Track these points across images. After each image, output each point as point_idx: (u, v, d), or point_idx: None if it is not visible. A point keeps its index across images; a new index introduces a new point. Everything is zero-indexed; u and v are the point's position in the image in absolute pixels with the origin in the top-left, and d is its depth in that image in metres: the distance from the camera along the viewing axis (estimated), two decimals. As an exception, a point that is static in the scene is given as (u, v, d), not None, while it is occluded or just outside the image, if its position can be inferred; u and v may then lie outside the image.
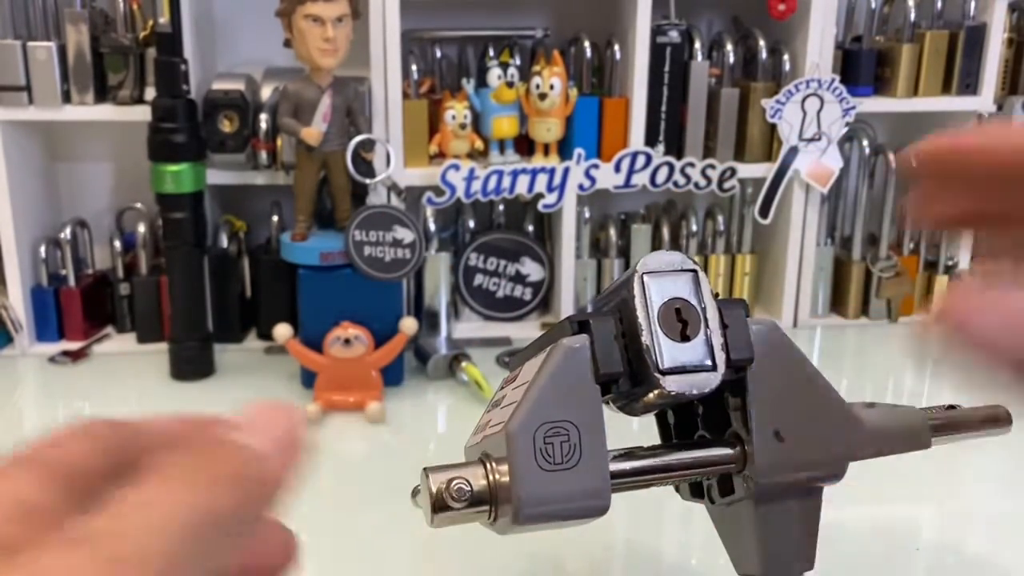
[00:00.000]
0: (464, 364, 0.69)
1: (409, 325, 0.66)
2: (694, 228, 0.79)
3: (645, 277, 0.26)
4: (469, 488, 0.26)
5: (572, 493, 0.25)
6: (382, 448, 0.60)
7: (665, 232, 0.79)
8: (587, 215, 0.78)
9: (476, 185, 0.74)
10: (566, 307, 0.79)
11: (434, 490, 0.26)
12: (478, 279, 0.80)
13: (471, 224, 0.80)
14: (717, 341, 0.26)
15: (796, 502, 0.27)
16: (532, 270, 0.80)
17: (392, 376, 0.68)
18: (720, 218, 0.79)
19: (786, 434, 0.27)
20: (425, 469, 0.27)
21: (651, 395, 0.26)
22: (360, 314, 0.65)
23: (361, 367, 0.64)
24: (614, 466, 0.27)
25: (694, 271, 0.27)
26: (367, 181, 0.68)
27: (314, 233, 0.68)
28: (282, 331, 0.63)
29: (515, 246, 0.80)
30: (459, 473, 0.27)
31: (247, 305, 0.77)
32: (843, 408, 0.28)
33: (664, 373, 0.25)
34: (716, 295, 0.28)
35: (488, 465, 0.26)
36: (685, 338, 0.26)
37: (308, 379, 0.66)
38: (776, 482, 0.27)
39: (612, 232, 0.79)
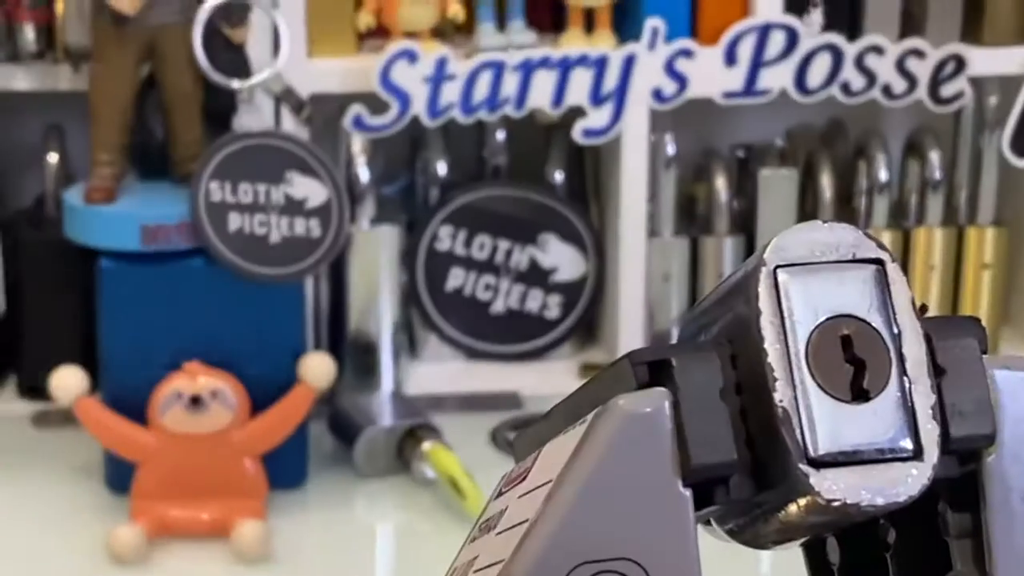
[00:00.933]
0: (428, 446, 0.69)
1: (318, 369, 0.66)
2: (882, 177, 0.80)
3: (782, 275, 0.26)
4: None
5: None
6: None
7: (825, 184, 0.80)
8: (671, 151, 0.79)
9: (450, 91, 0.74)
10: (629, 333, 0.79)
11: None
12: (455, 278, 0.80)
13: (440, 170, 0.81)
14: (924, 402, 0.26)
15: None
16: (562, 259, 0.80)
17: (286, 470, 0.68)
18: (934, 158, 0.80)
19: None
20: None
21: (793, 508, 0.26)
22: (222, 348, 0.66)
23: (224, 452, 0.65)
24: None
25: (879, 263, 0.26)
26: (235, 85, 0.68)
27: (128, 187, 0.68)
28: (67, 381, 0.64)
29: (529, 212, 0.80)
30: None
31: None
32: None
33: (819, 465, 0.25)
34: (923, 309, 0.28)
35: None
36: (861, 395, 0.26)
37: (120, 476, 0.66)
38: None
39: (720, 185, 0.80)
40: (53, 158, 0.76)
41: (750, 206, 0.80)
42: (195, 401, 0.64)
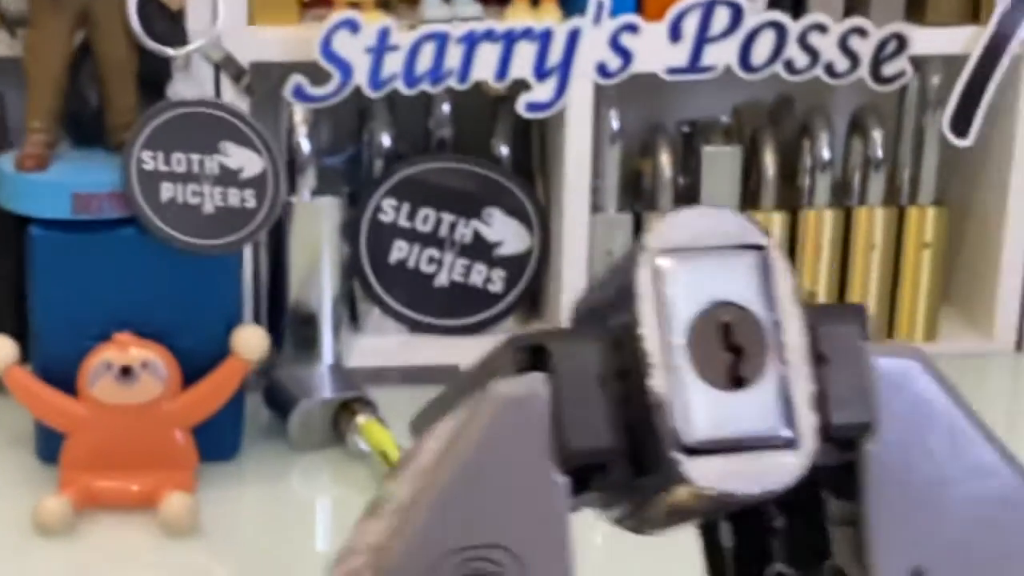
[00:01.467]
0: (362, 419, 0.69)
1: (250, 342, 0.65)
2: (825, 155, 0.80)
3: (663, 260, 0.26)
4: None
5: None
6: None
7: (768, 162, 0.80)
8: (615, 127, 0.79)
9: (393, 62, 0.73)
10: (571, 308, 0.79)
11: None
12: (399, 251, 0.80)
13: (385, 142, 0.80)
14: (802, 390, 0.26)
15: None
16: (506, 233, 0.80)
17: (220, 443, 0.67)
18: (877, 137, 0.80)
19: (937, 573, 0.27)
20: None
21: (671, 495, 0.26)
22: (154, 319, 0.65)
23: (154, 424, 0.64)
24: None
25: (761, 248, 0.26)
26: (170, 53, 0.67)
27: (61, 155, 0.67)
28: (-3, 351, 0.63)
29: (474, 186, 0.80)
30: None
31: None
32: None
33: (694, 452, 0.25)
34: (811, 296, 0.28)
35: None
36: (738, 382, 0.26)
37: (50, 446, 0.66)
38: None
39: (665, 161, 0.79)
40: (-9, 124, 0.75)
41: (694, 182, 0.80)
42: (125, 372, 0.63)
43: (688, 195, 0.80)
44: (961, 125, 0.78)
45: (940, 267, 0.82)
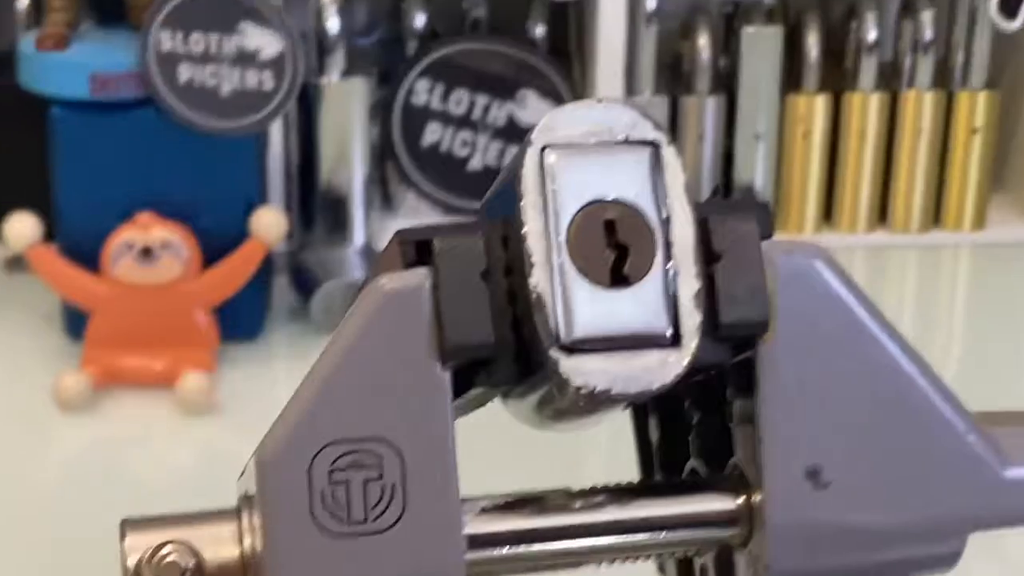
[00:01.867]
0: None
1: (268, 224, 0.66)
2: (871, 36, 0.78)
3: (549, 155, 0.25)
4: (192, 564, 0.26)
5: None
6: (206, 470, 0.60)
7: (812, 43, 0.78)
8: (651, 7, 0.77)
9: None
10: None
11: (130, 568, 0.26)
12: (432, 134, 0.80)
13: (419, 22, 0.79)
14: (688, 288, 0.25)
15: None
16: (540, 116, 0.78)
17: (242, 323, 0.68)
18: (927, 19, 0.78)
19: (832, 474, 0.26)
20: (124, 522, 0.27)
21: (554, 393, 0.25)
22: (174, 199, 0.65)
23: (174, 304, 0.65)
24: (475, 527, 0.27)
25: (653, 145, 0.25)
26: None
27: (83, 35, 0.67)
28: (20, 228, 0.64)
29: (509, 68, 0.79)
30: (182, 533, 0.27)
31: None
32: (960, 425, 0.27)
33: (572, 351, 0.25)
34: (715, 192, 0.27)
35: (246, 518, 0.26)
36: (621, 281, 0.25)
37: (77, 324, 0.67)
38: (807, 570, 0.26)
39: (703, 42, 0.78)
40: (23, 3, 0.74)
41: (734, 65, 0.78)
42: (146, 252, 0.64)
43: (728, 78, 0.79)
44: (1011, 6, 0.76)
45: (990, 153, 0.80)
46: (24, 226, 0.64)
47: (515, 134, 0.79)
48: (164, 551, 0.26)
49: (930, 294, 0.82)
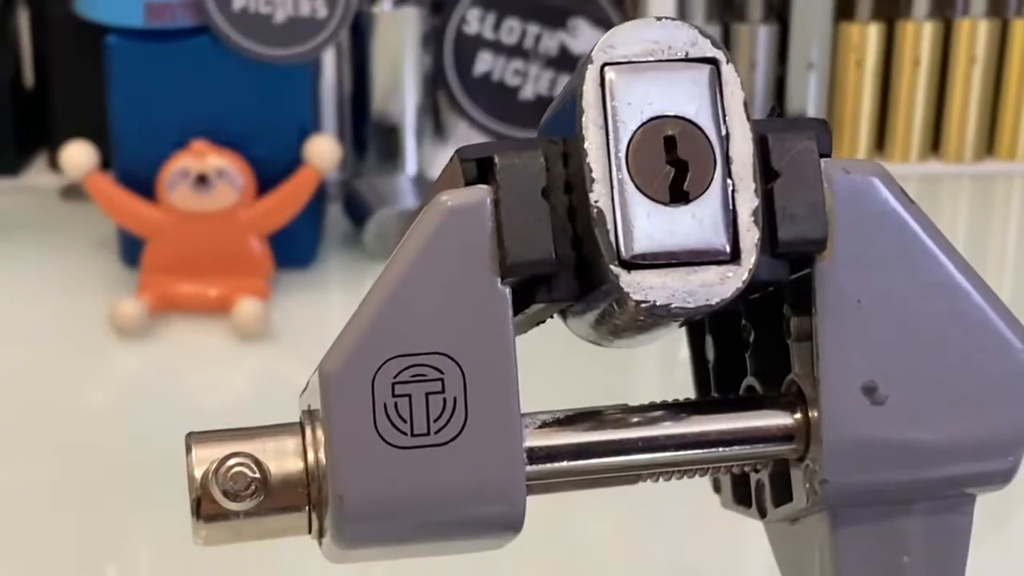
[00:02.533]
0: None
1: (322, 151, 0.66)
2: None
3: (609, 73, 0.26)
4: (258, 475, 0.27)
5: (446, 494, 0.26)
6: (261, 394, 0.61)
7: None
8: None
9: None
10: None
11: (197, 478, 0.27)
12: (483, 63, 0.80)
13: (470, -49, 0.79)
14: (746, 205, 0.25)
15: (916, 522, 0.27)
16: (592, 44, 0.79)
17: (296, 250, 0.69)
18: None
19: (888, 390, 0.26)
20: (189, 436, 0.28)
21: (615, 308, 0.26)
22: (229, 127, 0.65)
23: (229, 231, 0.65)
24: (534, 440, 0.27)
25: (714, 63, 0.26)
26: None
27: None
28: (77, 156, 0.64)
29: (561, -2, 0.79)
30: (247, 446, 0.27)
31: (29, 104, 0.78)
32: (1017, 343, 0.27)
33: (631, 267, 0.25)
34: (772, 111, 0.28)
35: (309, 432, 0.27)
36: (680, 197, 0.25)
37: (132, 251, 0.67)
38: (863, 484, 0.27)
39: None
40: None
41: (787, -8, 0.78)
42: (201, 180, 0.64)
43: (780, 6, 0.78)
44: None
45: (1045, 84, 0.79)
46: (80, 154, 0.65)
47: (567, 63, 0.79)
48: (230, 463, 0.27)
49: (983, 224, 0.81)
